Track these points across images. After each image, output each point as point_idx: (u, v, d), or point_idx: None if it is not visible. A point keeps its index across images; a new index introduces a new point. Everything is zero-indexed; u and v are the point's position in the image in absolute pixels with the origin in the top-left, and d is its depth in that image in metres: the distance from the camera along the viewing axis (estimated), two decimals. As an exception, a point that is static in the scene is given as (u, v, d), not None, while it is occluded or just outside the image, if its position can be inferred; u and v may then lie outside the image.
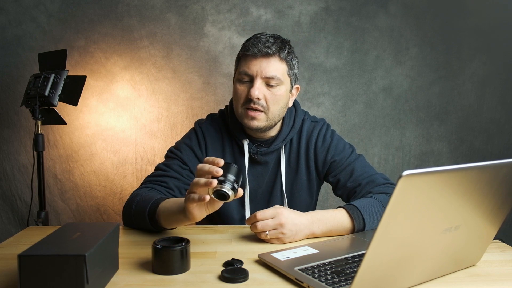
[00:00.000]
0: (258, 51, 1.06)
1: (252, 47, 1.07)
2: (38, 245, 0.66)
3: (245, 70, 1.09)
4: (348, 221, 1.00)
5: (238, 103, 1.12)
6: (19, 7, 1.90)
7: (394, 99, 2.02)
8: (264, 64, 1.07)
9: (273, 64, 1.07)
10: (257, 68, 1.07)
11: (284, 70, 1.10)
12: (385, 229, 0.57)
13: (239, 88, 1.11)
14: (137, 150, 1.97)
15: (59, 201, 1.98)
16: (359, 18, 1.97)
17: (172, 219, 0.92)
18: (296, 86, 1.18)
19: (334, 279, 0.71)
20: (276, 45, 1.08)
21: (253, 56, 1.07)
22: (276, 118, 1.12)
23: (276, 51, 1.07)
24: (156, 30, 1.93)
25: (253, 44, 1.08)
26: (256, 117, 1.09)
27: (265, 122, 1.11)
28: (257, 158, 1.18)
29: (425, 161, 2.05)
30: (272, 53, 1.07)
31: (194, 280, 0.74)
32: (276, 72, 1.08)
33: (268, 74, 1.07)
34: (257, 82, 1.07)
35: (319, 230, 0.97)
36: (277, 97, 1.10)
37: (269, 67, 1.07)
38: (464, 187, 0.62)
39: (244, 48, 1.11)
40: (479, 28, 2.00)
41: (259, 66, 1.07)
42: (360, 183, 1.14)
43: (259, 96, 1.07)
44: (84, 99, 1.89)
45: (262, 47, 1.06)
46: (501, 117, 2.05)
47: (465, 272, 0.79)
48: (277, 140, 1.18)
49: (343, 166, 1.18)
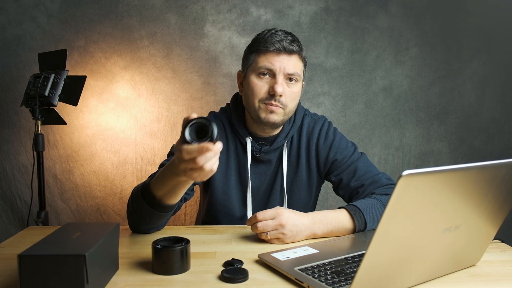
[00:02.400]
0: (282, 48, 1.08)
1: (275, 43, 1.08)
2: (38, 245, 0.66)
3: (267, 65, 1.09)
4: (349, 222, 0.99)
5: (255, 97, 1.11)
6: (19, 7, 1.90)
7: (394, 99, 2.02)
8: (286, 61, 1.08)
9: (294, 61, 1.10)
10: (280, 64, 1.08)
11: (301, 67, 1.13)
12: (385, 229, 0.57)
13: (258, 83, 1.10)
14: (137, 150, 1.97)
15: (59, 201, 1.98)
16: (359, 18, 1.97)
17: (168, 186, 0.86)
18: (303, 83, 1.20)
19: (334, 279, 0.71)
20: (297, 43, 1.10)
21: (276, 52, 1.08)
22: (290, 114, 1.15)
23: (299, 49, 1.10)
24: (156, 30, 1.93)
25: (276, 40, 1.08)
26: (276, 111, 1.10)
27: (282, 117, 1.12)
28: (260, 156, 1.18)
29: (425, 161, 2.05)
30: (296, 51, 1.09)
31: (194, 280, 0.75)
32: (296, 69, 1.10)
33: (291, 71, 1.09)
34: (280, 79, 1.08)
35: (320, 230, 0.97)
36: (295, 94, 1.12)
37: (291, 63, 1.09)
38: (464, 187, 0.62)
39: (263, 43, 1.09)
40: (479, 28, 2.00)
41: (282, 62, 1.08)
42: (363, 183, 1.14)
43: (282, 93, 1.08)
44: (84, 99, 1.88)
45: (286, 44, 1.08)
46: (501, 117, 2.05)
47: (465, 272, 0.79)
48: (279, 138, 1.18)
49: (346, 165, 1.18)
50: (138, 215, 0.96)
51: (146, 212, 0.93)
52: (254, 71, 1.11)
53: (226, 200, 1.19)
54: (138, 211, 0.95)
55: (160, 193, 0.89)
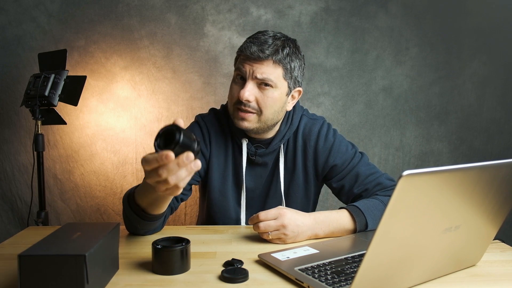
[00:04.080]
0: (251, 53, 1.02)
1: (248, 47, 1.03)
2: (38, 245, 0.66)
3: (240, 68, 1.06)
4: (351, 223, 0.99)
5: (231, 101, 1.10)
6: (19, 7, 1.90)
7: (394, 99, 2.02)
8: (257, 66, 1.03)
9: (266, 67, 1.03)
10: (249, 69, 1.04)
11: (278, 73, 1.05)
12: (385, 229, 0.57)
13: (233, 87, 1.09)
14: (137, 150, 1.97)
15: (59, 201, 1.98)
16: (359, 18, 1.97)
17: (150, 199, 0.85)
18: (297, 89, 1.13)
19: (334, 279, 0.71)
20: (272, 48, 1.03)
21: (248, 56, 1.04)
22: (269, 121, 1.08)
23: (270, 54, 1.02)
24: (156, 30, 1.93)
25: (251, 43, 1.04)
26: (246, 118, 1.06)
27: (256, 124, 1.07)
28: (255, 159, 1.16)
29: (425, 161, 2.05)
30: (265, 57, 1.02)
31: (194, 280, 0.74)
32: (268, 75, 1.03)
33: (260, 77, 1.03)
34: (249, 84, 1.04)
35: (322, 231, 0.97)
36: (270, 100, 1.05)
37: (261, 69, 1.03)
38: (464, 187, 0.62)
39: (242, 45, 1.07)
40: (479, 28, 2.00)
41: (251, 67, 1.03)
42: (367, 187, 1.12)
43: (249, 98, 1.03)
44: (84, 99, 1.88)
45: (255, 49, 1.02)
46: (501, 117, 2.05)
47: (465, 272, 0.79)
48: (275, 140, 1.15)
49: (347, 171, 1.14)
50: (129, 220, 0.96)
51: (135, 220, 0.93)
52: (234, 74, 1.10)
53: (223, 200, 1.17)
54: (129, 218, 0.95)
55: (144, 204, 0.88)
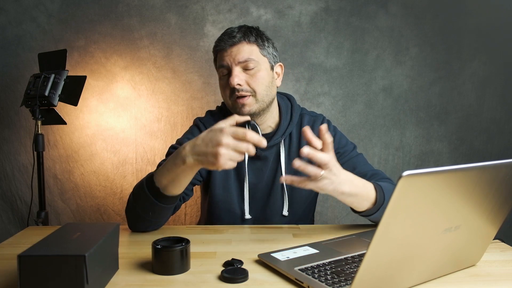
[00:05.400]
0: (224, 44, 1.12)
1: (219, 42, 1.13)
2: (38, 245, 0.66)
3: (221, 63, 1.13)
4: (373, 195, 0.96)
5: (226, 97, 1.15)
6: (19, 7, 1.90)
7: (394, 99, 2.02)
8: (234, 52, 1.11)
9: (242, 49, 1.11)
10: (229, 57, 1.11)
11: (255, 51, 1.13)
12: (385, 229, 0.57)
13: (222, 83, 1.15)
14: (137, 150, 1.97)
15: (59, 201, 1.98)
16: (359, 18, 1.97)
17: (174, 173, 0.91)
18: (278, 64, 1.21)
19: (334, 279, 0.71)
20: (241, 33, 1.13)
21: (223, 49, 1.12)
22: (265, 98, 1.14)
23: (241, 37, 1.12)
24: (156, 30, 1.93)
25: (220, 39, 1.14)
26: (245, 102, 1.12)
27: (255, 104, 1.13)
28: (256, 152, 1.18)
29: (425, 161, 2.05)
30: (238, 40, 1.12)
31: (194, 280, 0.75)
32: (248, 55, 1.11)
33: (241, 59, 1.11)
34: (235, 70, 1.11)
35: (355, 188, 0.92)
36: (258, 77, 1.12)
37: (239, 52, 1.11)
38: (464, 187, 0.62)
39: (214, 47, 1.17)
40: (479, 28, 2.00)
41: (230, 55, 1.11)
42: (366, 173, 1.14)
43: (239, 82, 1.10)
44: (84, 99, 1.88)
45: (227, 38, 1.12)
46: (501, 117, 2.05)
47: (465, 272, 0.79)
48: (276, 135, 1.19)
49: (346, 159, 1.18)
50: (141, 209, 0.97)
51: (150, 206, 0.95)
52: (218, 74, 1.17)
53: (227, 196, 1.20)
54: (141, 205, 0.96)
55: (165, 181, 0.93)
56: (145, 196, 0.94)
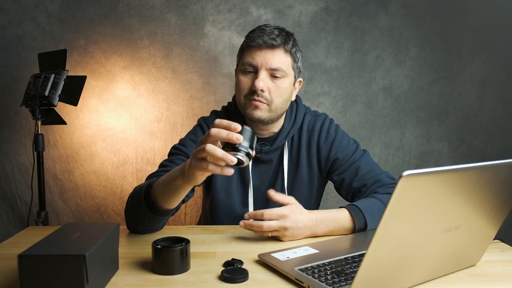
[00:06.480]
0: (263, 42, 1.06)
1: (257, 38, 1.06)
2: (38, 245, 0.66)
3: (250, 61, 1.08)
4: (350, 222, 0.99)
5: (241, 94, 1.11)
6: (19, 7, 1.90)
7: (394, 99, 2.02)
8: (269, 56, 1.06)
9: (278, 56, 1.07)
10: (261, 59, 1.06)
11: (289, 62, 1.10)
12: (385, 229, 0.57)
13: (243, 80, 1.10)
14: (137, 150, 1.97)
15: (59, 201, 1.98)
16: (359, 18, 1.97)
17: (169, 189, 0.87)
18: (299, 80, 1.18)
19: (334, 279, 0.71)
20: (281, 37, 1.07)
21: (258, 47, 1.07)
22: (278, 111, 1.12)
23: (282, 43, 1.07)
24: (156, 30, 1.93)
25: (258, 35, 1.07)
26: (259, 106, 1.08)
27: (267, 113, 1.10)
28: (261, 157, 1.18)
29: (425, 161, 2.05)
30: (278, 44, 1.06)
31: (194, 280, 0.74)
32: (281, 64, 1.07)
33: (273, 66, 1.06)
34: (262, 74, 1.06)
35: (321, 231, 0.97)
36: (281, 89, 1.09)
37: (274, 58, 1.06)
38: (464, 187, 0.62)
39: (248, 39, 1.10)
40: (479, 28, 2.00)
41: (264, 57, 1.06)
42: (366, 183, 1.13)
43: (263, 87, 1.06)
44: (84, 99, 1.88)
45: (267, 38, 1.06)
46: (501, 117, 2.05)
47: (465, 272, 0.79)
48: (279, 137, 1.18)
49: (348, 165, 1.16)
50: (137, 216, 0.97)
51: (145, 215, 0.94)
52: (240, 68, 1.11)
53: (228, 200, 1.19)
54: (137, 213, 0.95)
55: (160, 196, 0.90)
56: (142, 206, 0.93)
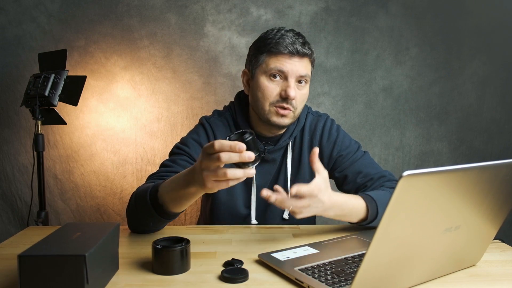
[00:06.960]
0: (295, 51, 1.06)
1: (288, 45, 1.06)
2: (38, 245, 0.66)
3: (280, 67, 1.07)
4: (363, 212, 0.97)
5: (266, 100, 1.09)
6: (19, 7, 1.90)
7: (394, 99, 2.02)
8: (298, 64, 1.08)
9: (305, 64, 1.09)
10: (292, 67, 1.07)
11: (311, 69, 1.13)
12: (385, 229, 0.57)
13: (269, 86, 1.09)
14: (137, 150, 1.97)
15: (59, 201, 1.98)
16: (359, 18, 1.97)
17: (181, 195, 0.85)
18: None
19: (334, 279, 0.71)
20: (308, 46, 1.10)
21: (288, 54, 1.07)
22: (297, 116, 1.15)
23: (311, 52, 1.10)
24: (156, 30, 1.93)
25: (289, 42, 1.06)
26: (287, 115, 1.10)
27: (291, 119, 1.12)
28: (265, 156, 1.18)
29: (425, 161, 2.05)
30: (309, 54, 1.09)
31: (194, 280, 0.74)
32: (307, 71, 1.10)
33: (302, 73, 1.08)
34: (292, 82, 1.07)
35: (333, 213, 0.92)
36: (304, 95, 1.12)
37: (302, 66, 1.08)
38: (464, 187, 0.62)
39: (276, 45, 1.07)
40: (479, 28, 2.00)
41: (294, 65, 1.07)
42: (372, 177, 1.13)
43: (295, 96, 1.08)
44: (84, 99, 1.88)
45: (299, 48, 1.07)
46: (501, 117, 2.05)
47: (465, 272, 0.79)
48: (283, 137, 1.18)
49: (350, 162, 1.17)
50: (141, 217, 0.96)
51: (152, 218, 0.93)
52: (265, 72, 1.09)
53: (231, 200, 1.18)
54: (143, 215, 0.94)
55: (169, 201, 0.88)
56: (148, 209, 0.91)
